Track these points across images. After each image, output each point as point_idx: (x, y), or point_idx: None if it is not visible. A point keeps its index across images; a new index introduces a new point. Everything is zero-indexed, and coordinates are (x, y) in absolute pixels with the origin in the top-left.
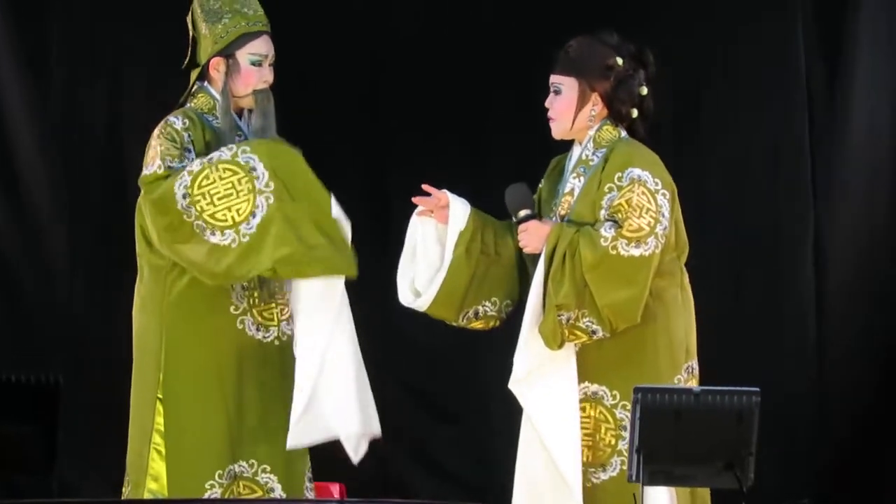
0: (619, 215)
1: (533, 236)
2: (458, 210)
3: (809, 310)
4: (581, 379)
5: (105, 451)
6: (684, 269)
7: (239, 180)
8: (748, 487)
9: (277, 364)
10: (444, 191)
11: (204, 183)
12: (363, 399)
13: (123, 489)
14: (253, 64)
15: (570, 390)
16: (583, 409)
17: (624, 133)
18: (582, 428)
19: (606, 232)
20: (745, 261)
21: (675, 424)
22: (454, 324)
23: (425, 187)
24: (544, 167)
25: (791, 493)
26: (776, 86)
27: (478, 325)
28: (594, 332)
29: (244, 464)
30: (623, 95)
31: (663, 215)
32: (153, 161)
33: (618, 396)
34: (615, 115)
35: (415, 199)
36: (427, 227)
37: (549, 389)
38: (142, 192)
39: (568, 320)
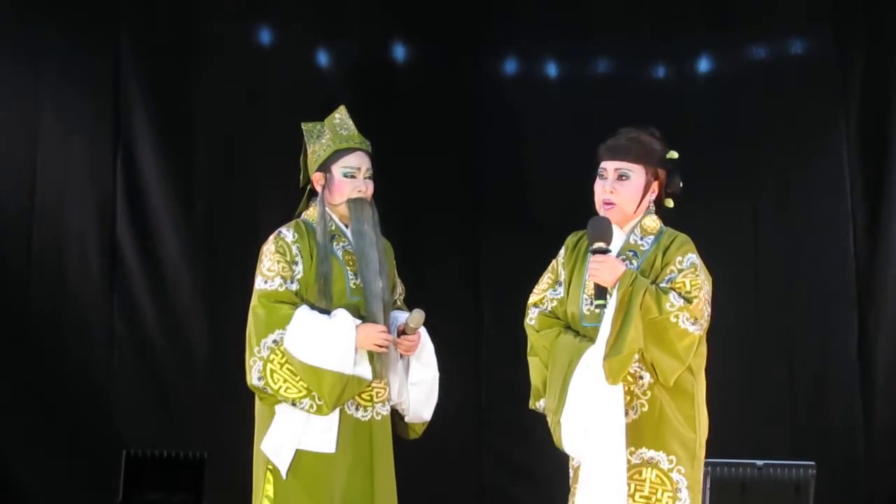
0: (683, 292)
1: (608, 270)
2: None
3: (856, 391)
4: (638, 445)
5: None
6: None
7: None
8: None
9: (369, 439)
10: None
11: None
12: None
13: None
14: (345, 176)
15: (617, 428)
16: (639, 473)
17: (660, 223)
18: (638, 490)
19: (675, 300)
20: (799, 353)
21: (741, 493)
22: None
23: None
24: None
25: None
26: (827, 213)
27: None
28: (641, 378)
29: None
30: (673, 186)
31: (708, 303)
32: (271, 278)
33: (674, 461)
34: (659, 204)
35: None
36: None
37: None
38: (255, 299)
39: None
